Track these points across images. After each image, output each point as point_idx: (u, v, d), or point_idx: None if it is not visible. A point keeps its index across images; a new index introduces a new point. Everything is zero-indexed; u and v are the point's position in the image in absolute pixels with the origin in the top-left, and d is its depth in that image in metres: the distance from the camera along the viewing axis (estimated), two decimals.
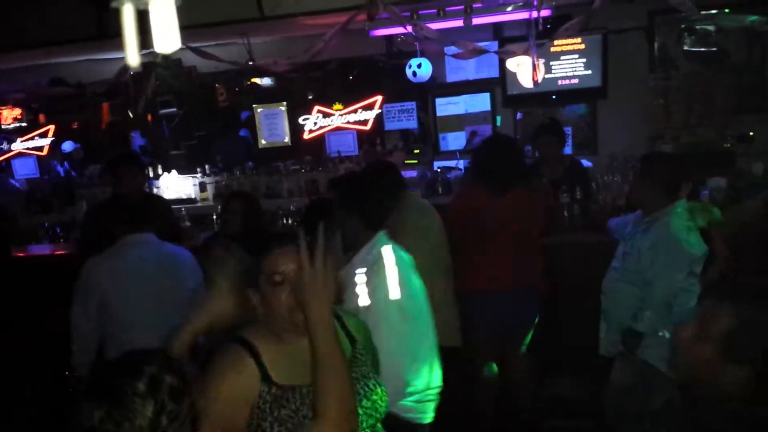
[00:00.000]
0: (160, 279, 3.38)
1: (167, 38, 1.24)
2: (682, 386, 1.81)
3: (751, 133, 5.80)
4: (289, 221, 5.57)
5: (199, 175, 7.24)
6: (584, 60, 6.39)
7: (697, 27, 6.09)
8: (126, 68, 5.51)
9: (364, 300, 2.64)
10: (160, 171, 7.34)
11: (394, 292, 2.66)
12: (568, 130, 6.49)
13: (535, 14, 4.56)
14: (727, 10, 5.76)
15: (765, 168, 4.97)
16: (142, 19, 1.25)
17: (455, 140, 7.02)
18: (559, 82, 6.47)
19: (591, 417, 3.69)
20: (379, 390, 1.99)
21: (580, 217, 4.87)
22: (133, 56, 1.24)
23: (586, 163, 6.05)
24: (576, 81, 6.43)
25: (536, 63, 4.63)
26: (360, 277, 2.68)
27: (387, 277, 2.68)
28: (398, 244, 2.84)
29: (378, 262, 2.71)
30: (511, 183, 3.88)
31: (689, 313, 3.18)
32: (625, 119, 6.26)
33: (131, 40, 1.22)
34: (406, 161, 6.89)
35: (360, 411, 1.90)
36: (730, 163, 5.46)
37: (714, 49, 6.14)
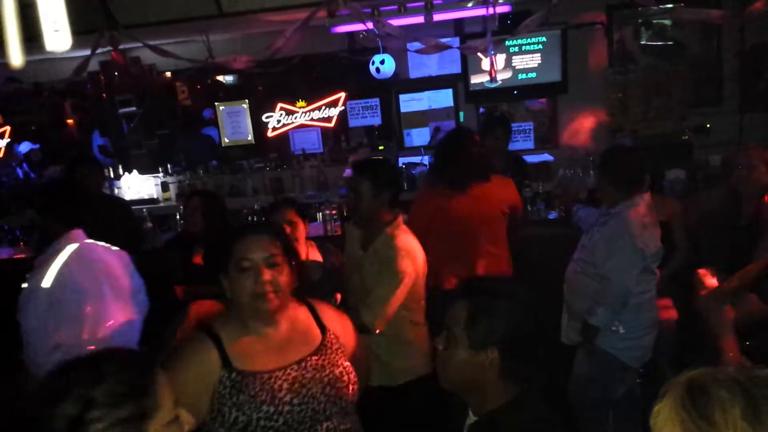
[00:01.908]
0: None
1: (58, 35, 1.18)
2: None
3: (708, 125, 5.92)
4: (254, 220, 5.52)
5: (161, 174, 7.14)
6: (544, 55, 6.45)
7: (654, 21, 6.19)
8: (83, 66, 5.39)
9: None
10: (120, 171, 7.21)
11: None
12: (530, 125, 6.57)
13: (491, 11, 4.58)
14: (682, 4, 5.88)
15: (723, 160, 5.07)
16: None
17: (419, 136, 7.04)
18: (520, 77, 6.52)
19: (560, 408, 3.72)
20: (345, 378, 2.00)
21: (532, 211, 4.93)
22: (15, 55, 1.17)
23: (547, 157, 6.13)
24: (536, 76, 6.49)
25: (493, 59, 4.66)
26: None
27: None
28: None
29: None
30: (473, 178, 3.86)
31: (643, 308, 3.27)
32: (585, 113, 6.35)
33: (13, 38, 1.15)
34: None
35: (322, 398, 1.93)
36: (688, 155, 5.56)
37: (671, 42, 6.26)
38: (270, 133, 7.12)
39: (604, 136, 6.14)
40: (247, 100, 7.35)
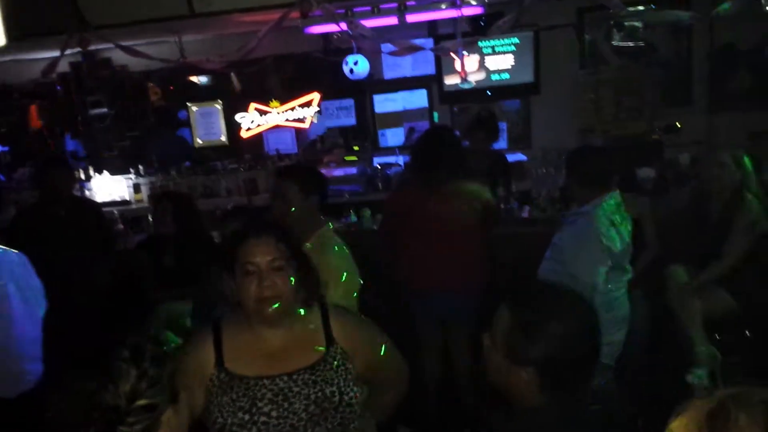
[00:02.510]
0: None
1: None
2: None
3: (678, 125, 6.01)
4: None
5: (132, 176, 7.05)
6: (517, 56, 6.50)
7: (625, 23, 6.27)
8: (51, 67, 5.33)
9: None
10: (91, 173, 7.12)
11: None
12: (504, 125, 6.61)
13: (460, 12, 4.61)
14: (653, 6, 5.97)
15: (692, 158, 5.16)
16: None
17: (394, 136, 7.06)
18: (493, 78, 6.56)
19: None
20: (336, 399, 1.89)
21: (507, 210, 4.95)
22: None
23: (521, 157, 6.18)
24: (509, 77, 6.54)
25: (462, 60, 4.69)
26: None
27: None
28: None
29: None
30: (447, 178, 3.84)
31: (614, 305, 3.30)
32: (557, 114, 6.41)
33: None
34: (345, 158, 6.89)
35: (304, 416, 1.86)
36: (659, 154, 5.64)
37: (641, 44, 6.35)
38: (244, 134, 7.07)
39: (576, 136, 6.20)
40: (220, 101, 7.31)
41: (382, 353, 2.09)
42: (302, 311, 1.98)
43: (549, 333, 1.52)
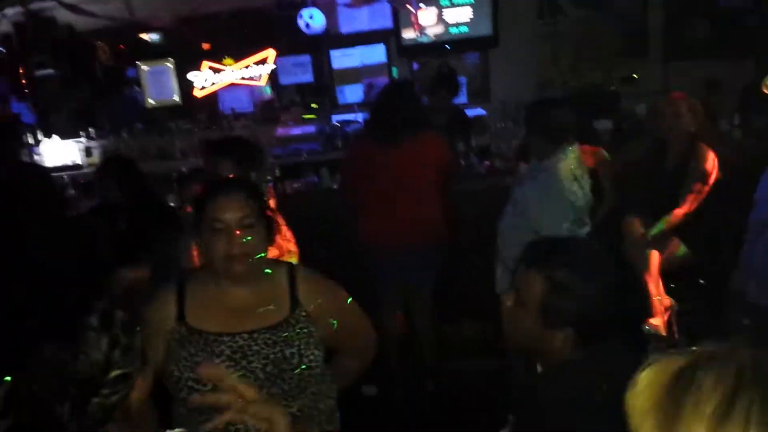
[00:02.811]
0: None
1: None
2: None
3: (635, 75, 6.03)
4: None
5: (83, 139, 6.84)
6: (475, 9, 6.41)
7: None
8: None
9: None
10: (40, 137, 6.88)
11: None
12: (463, 79, 6.55)
13: None
14: None
15: (648, 109, 5.17)
16: None
17: (353, 93, 6.94)
18: (452, 31, 6.47)
19: (495, 357, 3.79)
20: (295, 361, 1.86)
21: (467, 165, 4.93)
22: None
23: (480, 111, 6.15)
24: (468, 30, 6.45)
25: (417, 13, 4.59)
26: None
27: None
28: None
29: None
30: (403, 132, 3.76)
31: None
32: (516, 67, 6.37)
33: None
34: (303, 116, 6.78)
35: (261, 375, 1.83)
36: (616, 105, 5.66)
37: None
38: (197, 93, 6.89)
39: (535, 89, 6.18)
40: (171, 59, 7.08)
41: (349, 320, 2.07)
42: (269, 270, 1.96)
43: (587, 292, 1.52)
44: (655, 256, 3.69)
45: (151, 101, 7.17)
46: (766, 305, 2.54)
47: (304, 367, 1.88)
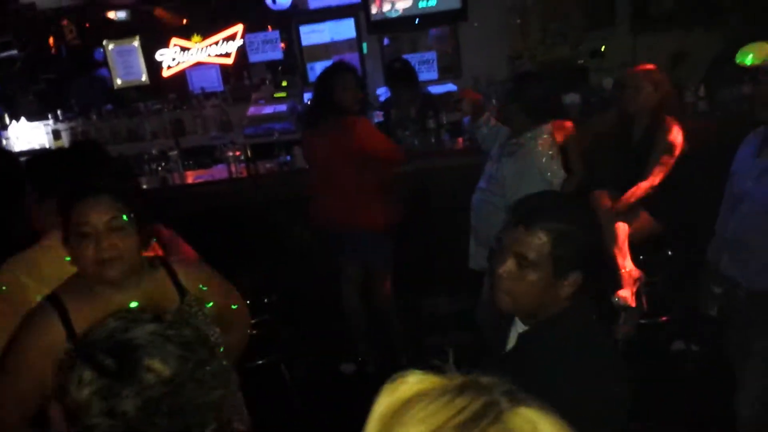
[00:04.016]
0: None
1: None
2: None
3: (603, 48, 6.06)
4: (155, 166, 5.29)
5: (51, 121, 6.72)
6: None
7: None
8: None
9: None
10: (7, 120, 6.75)
11: None
12: (433, 55, 6.54)
13: None
14: None
15: (614, 82, 5.22)
16: None
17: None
18: (420, 5, 6.43)
19: (467, 331, 3.85)
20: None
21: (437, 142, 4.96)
22: None
23: (451, 86, 6.14)
24: (436, 3, 6.42)
25: None
26: None
27: None
28: None
29: None
30: (326, 119, 3.77)
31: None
32: (486, 41, 6.36)
33: None
34: (275, 95, 6.72)
35: None
36: (584, 79, 5.70)
37: None
38: (165, 72, 6.79)
39: (504, 63, 6.20)
40: (138, 37, 6.95)
41: (227, 294, 2.12)
42: (147, 266, 1.93)
43: (585, 235, 1.67)
44: (623, 229, 3.75)
45: (118, 81, 7.06)
46: (736, 277, 2.62)
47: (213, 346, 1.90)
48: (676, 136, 3.67)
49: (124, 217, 1.78)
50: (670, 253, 3.84)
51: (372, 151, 3.82)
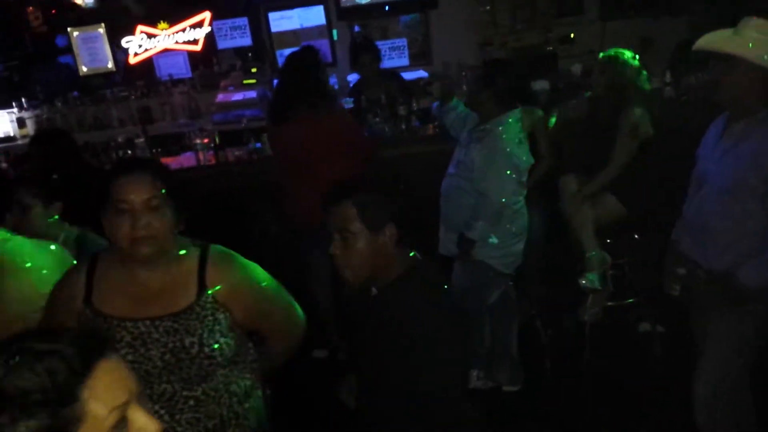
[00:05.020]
0: None
1: None
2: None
3: (572, 35, 6.10)
4: (122, 154, 5.21)
5: (15, 109, 6.58)
6: None
7: None
8: None
9: None
10: None
11: None
12: (403, 41, 6.53)
13: None
14: None
15: (583, 68, 5.27)
16: None
17: None
18: None
19: None
20: (194, 351, 1.81)
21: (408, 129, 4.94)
22: None
23: (422, 73, 6.14)
24: None
25: None
26: None
27: None
28: None
29: None
30: (298, 108, 3.65)
31: (514, 217, 3.42)
32: (457, 28, 6.37)
33: None
34: (244, 81, 6.65)
35: (159, 363, 1.80)
36: (553, 65, 5.74)
37: None
38: (132, 60, 6.68)
39: (475, 50, 6.21)
40: (103, 24, 6.82)
41: (264, 301, 2.01)
42: (182, 251, 1.90)
43: (386, 195, 1.95)
44: (591, 213, 3.80)
45: (84, 68, 6.92)
46: (696, 258, 2.65)
47: (203, 357, 1.83)
48: (640, 119, 3.71)
49: (161, 197, 1.80)
50: (636, 236, 3.89)
51: (356, 139, 3.78)
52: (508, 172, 3.33)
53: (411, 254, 1.99)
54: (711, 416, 2.60)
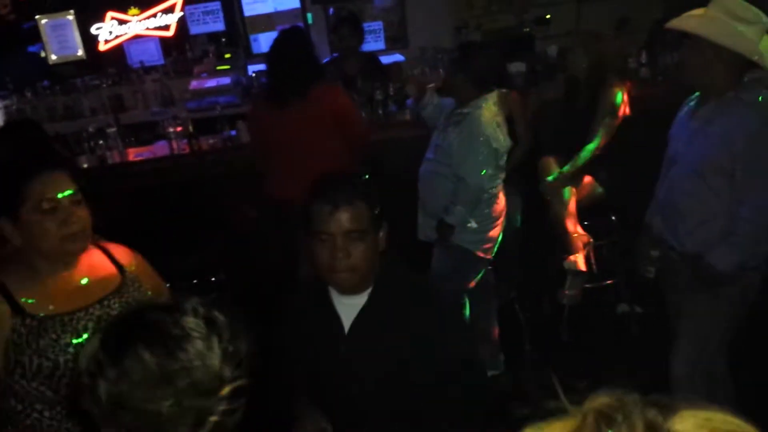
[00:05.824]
0: None
1: None
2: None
3: (548, 17, 6.08)
4: (93, 144, 5.10)
5: None
6: None
7: None
8: None
9: None
10: None
11: None
12: (379, 24, 6.46)
13: None
14: None
15: (559, 50, 5.24)
16: None
17: (268, 41, 6.65)
18: None
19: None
20: None
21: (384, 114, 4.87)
22: None
23: (398, 57, 6.09)
24: None
25: None
26: None
27: None
28: None
29: None
30: (295, 91, 3.59)
31: (492, 201, 3.41)
32: (432, 11, 6.32)
33: None
34: (218, 67, 6.55)
35: None
36: (530, 47, 5.71)
37: None
38: (102, 47, 6.55)
39: (450, 32, 6.16)
40: (72, 11, 6.67)
41: (151, 274, 2.12)
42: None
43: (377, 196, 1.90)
44: (571, 194, 3.80)
45: (53, 57, 6.77)
46: (668, 239, 2.66)
47: None
48: (619, 98, 3.71)
49: (79, 191, 1.82)
50: (613, 218, 3.90)
51: (355, 119, 3.76)
52: (487, 156, 3.31)
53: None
54: (688, 393, 2.63)
